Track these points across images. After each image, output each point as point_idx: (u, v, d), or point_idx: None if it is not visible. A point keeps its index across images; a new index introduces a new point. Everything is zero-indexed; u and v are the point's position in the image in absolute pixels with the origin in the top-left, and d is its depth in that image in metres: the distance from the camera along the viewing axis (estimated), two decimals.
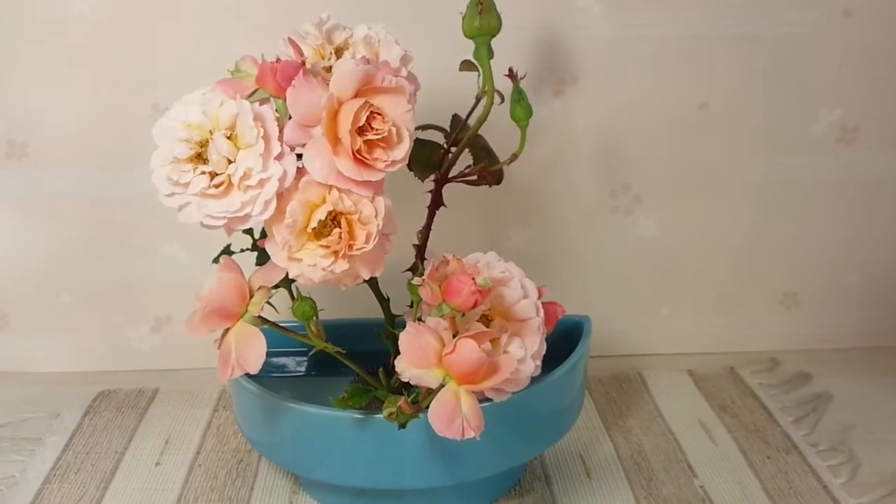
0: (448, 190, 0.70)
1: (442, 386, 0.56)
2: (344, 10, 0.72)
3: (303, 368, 0.79)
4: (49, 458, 0.77)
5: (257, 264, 0.64)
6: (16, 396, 0.87)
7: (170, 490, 0.72)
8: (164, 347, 0.91)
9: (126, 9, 0.81)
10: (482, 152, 0.71)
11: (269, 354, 0.58)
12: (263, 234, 0.59)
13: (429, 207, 0.70)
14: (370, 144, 0.54)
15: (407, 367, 0.56)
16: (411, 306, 0.63)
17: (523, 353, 0.61)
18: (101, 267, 0.89)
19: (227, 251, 0.66)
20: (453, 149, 0.70)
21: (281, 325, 0.61)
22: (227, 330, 0.58)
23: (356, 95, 0.54)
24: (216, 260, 0.65)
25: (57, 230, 0.88)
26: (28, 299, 0.90)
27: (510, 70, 0.65)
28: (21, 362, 0.91)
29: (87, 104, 0.84)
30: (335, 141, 0.53)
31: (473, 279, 0.58)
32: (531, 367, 0.62)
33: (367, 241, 0.55)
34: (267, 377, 0.65)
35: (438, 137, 0.71)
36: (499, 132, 0.68)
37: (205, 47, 0.82)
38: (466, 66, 0.68)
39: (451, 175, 0.70)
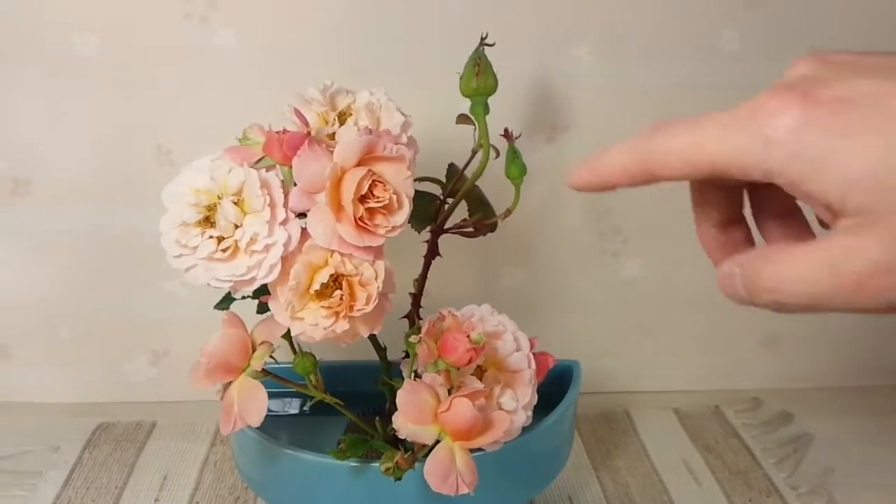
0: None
1: (437, 442, 0.58)
2: (348, 54, 0.74)
3: (304, 408, 0.81)
4: (50, 493, 0.78)
5: (258, 312, 0.66)
6: (16, 428, 0.88)
7: None
8: (161, 380, 0.93)
9: (129, 51, 0.83)
10: (478, 203, 0.73)
11: (269, 395, 0.60)
12: (264, 288, 0.60)
13: (425, 257, 0.72)
14: (372, 211, 0.56)
15: (404, 424, 0.58)
16: (407, 356, 0.65)
17: (515, 404, 0.63)
18: (101, 302, 0.90)
19: (229, 298, 0.68)
20: (449, 200, 0.72)
21: (281, 375, 0.63)
22: (230, 383, 0.60)
23: (359, 164, 0.56)
24: (218, 307, 0.67)
25: (58, 265, 0.89)
26: (28, 332, 0.91)
27: (506, 130, 0.67)
28: (21, 393, 0.93)
29: (90, 142, 0.85)
30: (338, 208, 0.55)
31: (468, 336, 0.60)
32: (522, 417, 0.64)
33: (367, 303, 0.57)
34: (266, 415, 0.67)
35: (434, 188, 0.73)
36: (495, 181, 0.70)
37: (208, 88, 0.84)
38: (463, 119, 0.69)
39: (447, 226, 0.72)
